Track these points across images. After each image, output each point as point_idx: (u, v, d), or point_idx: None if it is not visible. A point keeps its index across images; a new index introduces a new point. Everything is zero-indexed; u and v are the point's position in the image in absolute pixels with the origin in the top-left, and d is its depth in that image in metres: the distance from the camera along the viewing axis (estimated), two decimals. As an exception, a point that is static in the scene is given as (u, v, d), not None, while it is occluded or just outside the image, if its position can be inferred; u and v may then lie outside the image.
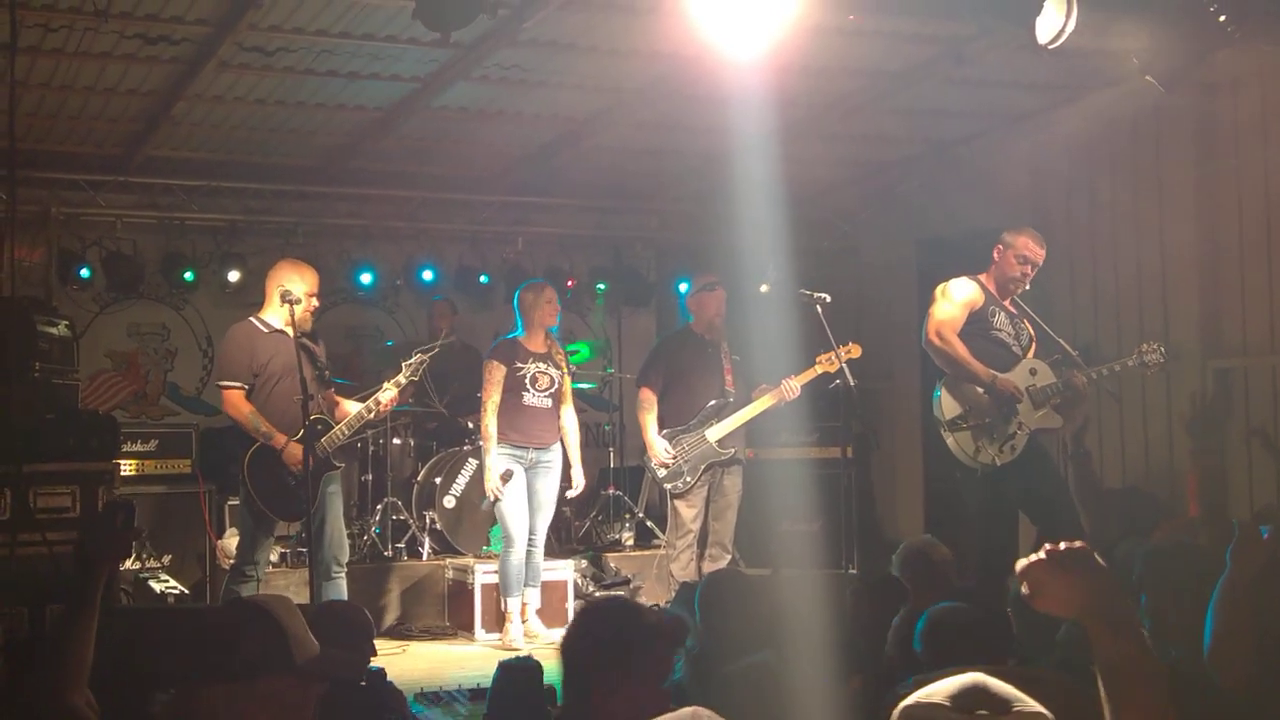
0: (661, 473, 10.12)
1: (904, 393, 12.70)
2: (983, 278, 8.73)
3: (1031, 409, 8.45)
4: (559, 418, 10.15)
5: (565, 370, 10.22)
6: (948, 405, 8.52)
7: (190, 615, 6.77)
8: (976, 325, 8.57)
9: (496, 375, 9.96)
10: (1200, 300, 10.27)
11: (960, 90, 10.35)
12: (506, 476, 9.87)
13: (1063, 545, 2.92)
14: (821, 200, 13.37)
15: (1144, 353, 8.73)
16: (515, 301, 10.25)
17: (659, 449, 10.09)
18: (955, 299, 8.60)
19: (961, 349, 8.43)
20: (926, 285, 9.04)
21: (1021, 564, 2.93)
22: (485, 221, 13.52)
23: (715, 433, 10.04)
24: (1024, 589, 2.92)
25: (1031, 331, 8.79)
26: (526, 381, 9.96)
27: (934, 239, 12.25)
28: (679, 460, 10.04)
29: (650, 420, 10.19)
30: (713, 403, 10.10)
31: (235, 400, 8.76)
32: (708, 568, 9.90)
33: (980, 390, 8.45)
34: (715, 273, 10.70)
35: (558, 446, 10.16)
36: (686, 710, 2.83)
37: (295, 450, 8.61)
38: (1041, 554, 2.91)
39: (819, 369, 9.76)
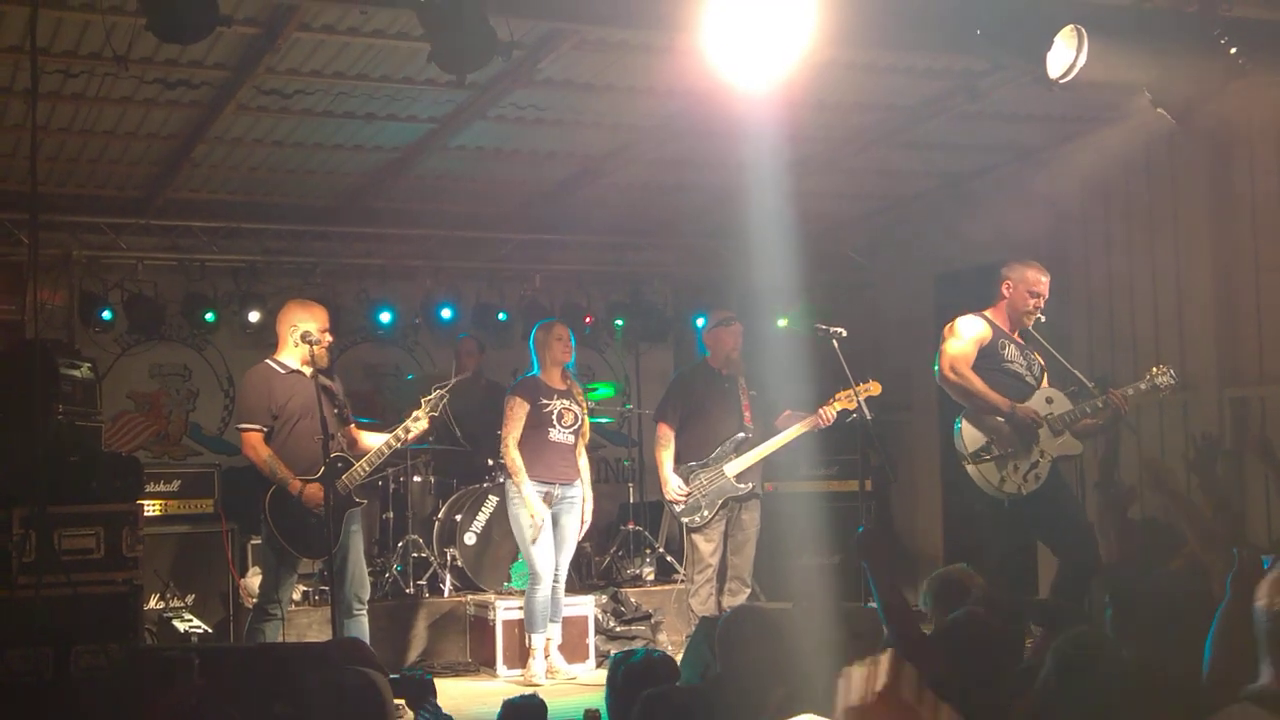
0: (679, 508, 10.14)
1: (922, 426, 12.72)
2: (990, 313, 8.79)
3: (1052, 436, 8.50)
4: (579, 455, 10.19)
5: (585, 408, 10.26)
6: (970, 437, 8.54)
7: (277, 658, 6.70)
8: (988, 360, 8.63)
9: (520, 411, 10.00)
10: (1216, 330, 10.29)
11: (973, 125, 10.40)
12: (549, 500, 9.92)
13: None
14: (837, 234, 13.42)
15: (1155, 376, 8.76)
16: (531, 340, 10.30)
17: (672, 486, 10.11)
18: (964, 336, 8.67)
19: (977, 381, 8.49)
20: (943, 319, 9.08)
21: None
22: (503, 259, 13.57)
23: (734, 468, 10.06)
24: None
25: (1042, 362, 8.84)
26: (553, 418, 10.00)
27: (950, 273, 12.29)
28: (696, 495, 10.06)
29: (666, 457, 10.22)
30: (732, 438, 10.11)
31: (254, 443, 8.81)
32: (728, 602, 9.91)
33: (1000, 420, 8.49)
34: (731, 308, 10.74)
35: (579, 484, 10.20)
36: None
37: (313, 491, 8.66)
38: None
39: (838, 406, 9.77)
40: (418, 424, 8.95)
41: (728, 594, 10.12)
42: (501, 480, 10.49)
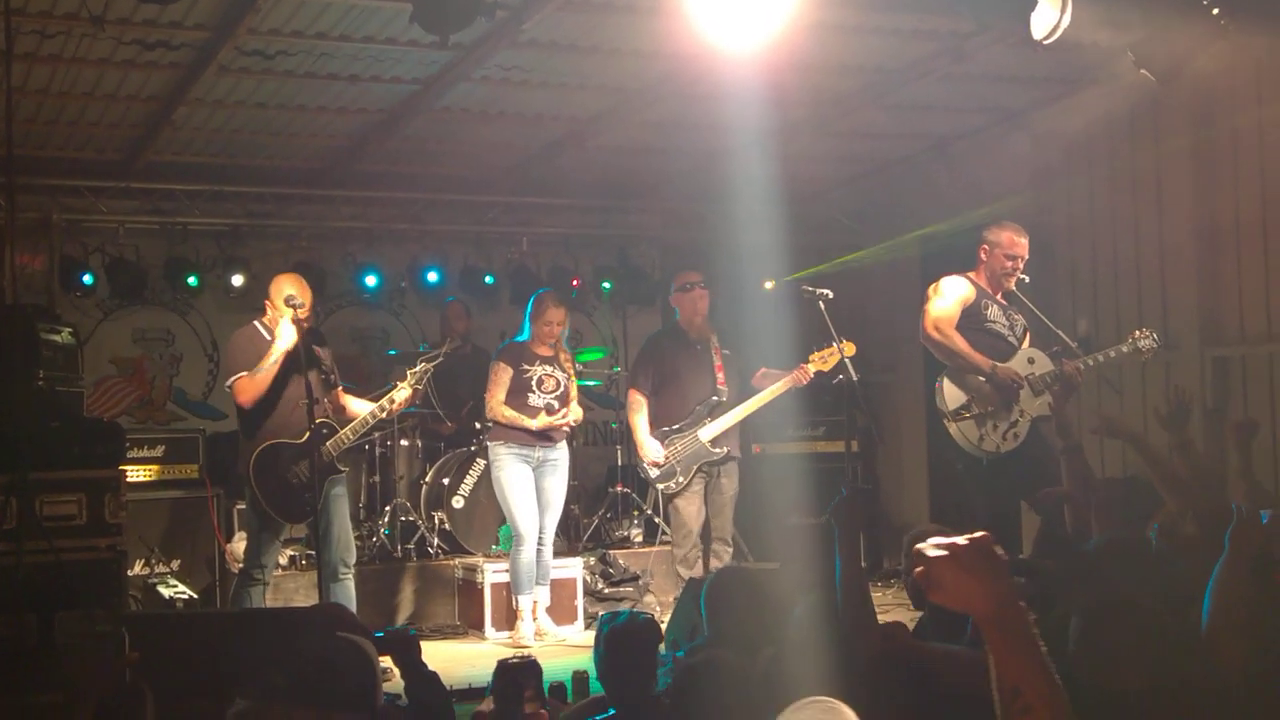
0: (654, 473, 10.12)
1: (908, 387, 12.74)
2: (972, 275, 8.82)
3: (1032, 396, 8.54)
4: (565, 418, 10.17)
5: (572, 375, 10.24)
6: (950, 395, 8.58)
7: (267, 625, 6.68)
8: (971, 319, 8.67)
9: (504, 376, 10.00)
10: (1198, 290, 10.31)
11: (959, 86, 10.36)
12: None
13: (964, 540, 2.80)
14: (824, 197, 13.41)
15: (1137, 339, 8.78)
16: (528, 305, 10.28)
17: (649, 450, 10.09)
18: (948, 295, 8.70)
19: (960, 341, 8.52)
20: (929, 280, 9.08)
21: (925, 548, 2.80)
22: (490, 222, 13.54)
23: (708, 432, 10.01)
24: (917, 573, 2.81)
25: (1024, 322, 8.87)
26: (533, 383, 9.98)
27: (935, 234, 12.28)
28: (671, 460, 10.04)
29: (640, 422, 10.18)
30: (705, 402, 10.08)
31: (244, 382, 8.71)
32: (715, 564, 9.93)
33: (982, 380, 8.51)
34: (719, 271, 10.71)
35: (564, 445, 10.19)
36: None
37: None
38: (942, 548, 2.78)
39: (813, 368, 9.75)
40: (401, 394, 8.96)
41: (714, 556, 10.14)
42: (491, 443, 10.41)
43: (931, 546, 2.79)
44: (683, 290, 10.30)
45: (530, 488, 9.98)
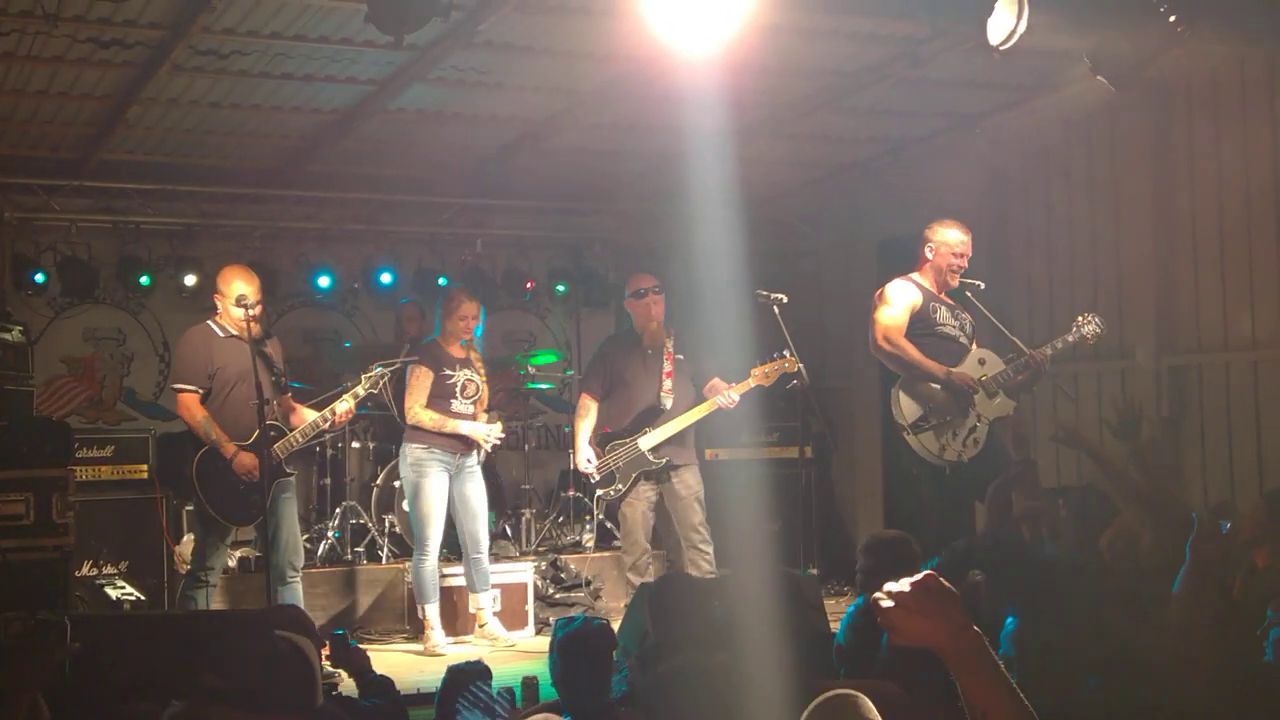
0: (594, 479, 10.05)
1: (864, 392, 12.74)
2: (917, 275, 8.83)
3: (987, 399, 8.54)
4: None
5: (484, 375, 10.13)
6: (907, 408, 8.57)
7: (209, 627, 6.62)
8: (921, 325, 8.68)
9: (425, 380, 9.85)
10: (1155, 298, 10.37)
11: (915, 91, 10.37)
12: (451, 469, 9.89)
13: (909, 585, 2.93)
14: (780, 201, 13.40)
15: (1081, 325, 8.82)
16: (438, 305, 10.22)
17: (580, 457, 9.97)
18: (896, 303, 8.70)
19: (911, 349, 8.53)
20: (885, 284, 9.08)
21: (879, 599, 2.95)
22: (444, 223, 13.49)
23: (647, 441, 9.81)
24: (880, 620, 2.93)
25: (972, 319, 8.87)
26: (456, 390, 9.88)
27: (892, 239, 12.28)
28: (609, 466, 9.92)
29: (582, 427, 10.03)
30: (649, 409, 9.91)
31: (190, 404, 8.74)
32: (692, 570, 9.75)
33: (936, 388, 8.51)
34: (673, 274, 10.66)
35: (476, 453, 10.09)
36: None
37: (245, 459, 8.62)
38: (888, 597, 2.92)
39: (752, 382, 9.65)
40: (342, 405, 8.92)
41: (690, 564, 9.89)
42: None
43: (884, 595, 2.93)
44: (636, 296, 10.14)
45: (445, 497, 9.89)
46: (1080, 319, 8.88)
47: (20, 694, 3.72)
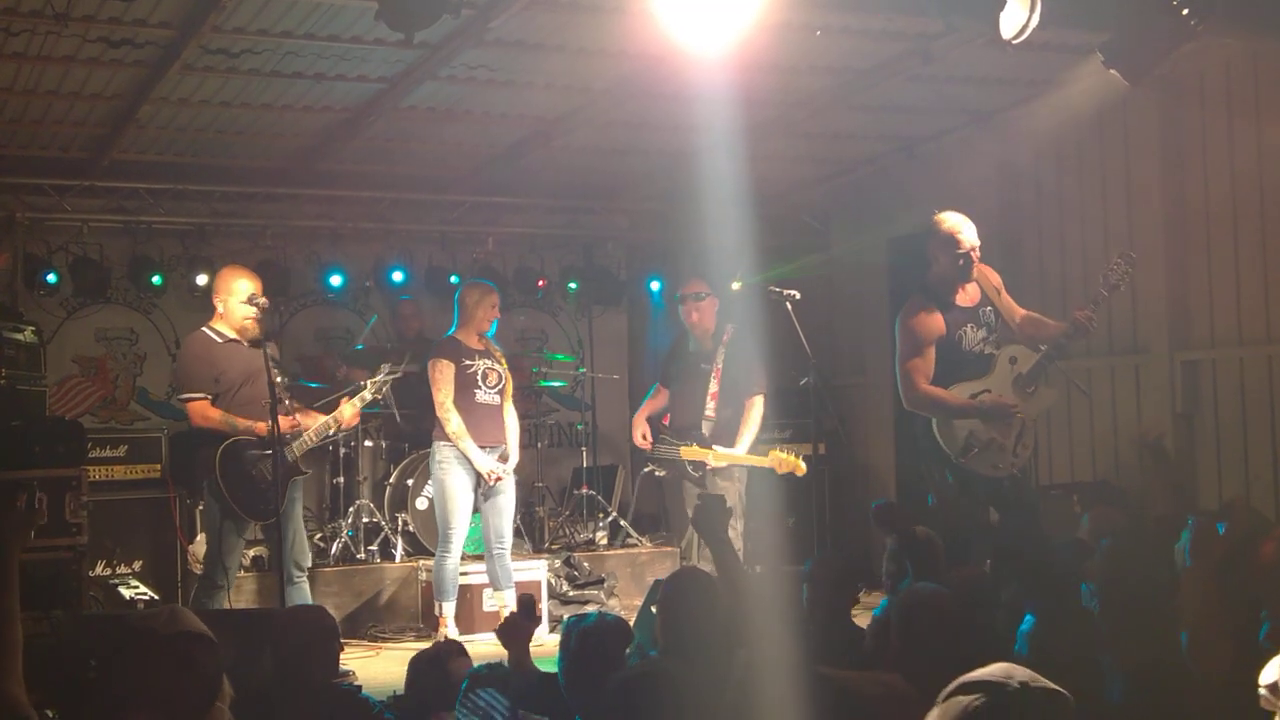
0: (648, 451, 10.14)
1: (875, 389, 12.71)
2: (930, 280, 8.33)
3: (1028, 400, 8.12)
4: (505, 415, 10.12)
5: (505, 366, 10.16)
6: (948, 438, 7.99)
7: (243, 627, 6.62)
8: (948, 352, 8.06)
9: (448, 373, 9.87)
10: (1168, 293, 10.31)
11: (927, 87, 10.35)
12: (503, 458, 9.95)
13: None
14: (791, 198, 13.39)
15: (1113, 270, 8.21)
16: (456, 297, 10.20)
17: (636, 433, 10.13)
18: (918, 343, 8.08)
19: (943, 396, 8.00)
20: (897, 282, 9.04)
21: None
22: (455, 221, 13.49)
23: (688, 452, 9.75)
24: None
25: (994, 309, 8.37)
26: (478, 378, 9.91)
27: (904, 236, 12.25)
28: (655, 453, 9.99)
29: (643, 404, 10.30)
30: (684, 422, 9.88)
31: (203, 409, 8.72)
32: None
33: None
34: (683, 272, 10.64)
35: (506, 446, 10.11)
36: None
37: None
38: None
39: (767, 462, 9.53)
40: (349, 411, 8.94)
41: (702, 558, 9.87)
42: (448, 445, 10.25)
43: None
44: (680, 302, 10.13)
45: (471, 497, 9.90)
46: (1114, 263, 8.30)
47: (6, 550, 4.03)
